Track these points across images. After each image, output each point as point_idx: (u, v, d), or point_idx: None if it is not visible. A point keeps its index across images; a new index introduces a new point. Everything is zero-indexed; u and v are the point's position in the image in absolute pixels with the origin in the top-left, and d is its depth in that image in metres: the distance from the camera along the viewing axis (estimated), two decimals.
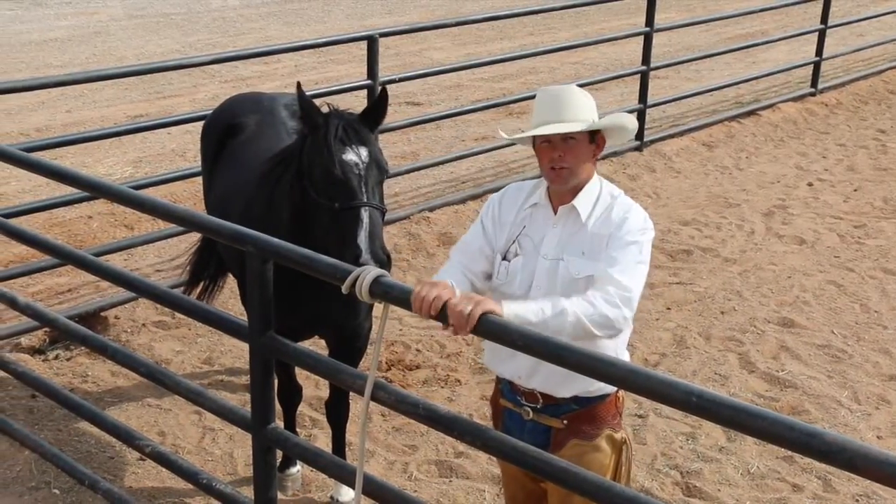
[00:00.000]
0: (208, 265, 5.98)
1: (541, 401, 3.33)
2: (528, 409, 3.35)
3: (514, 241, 3.35)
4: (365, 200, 3.96)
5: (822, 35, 12.36)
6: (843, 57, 13.84)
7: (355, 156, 4.05)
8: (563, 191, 3.29)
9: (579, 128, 3.22)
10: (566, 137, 3.24)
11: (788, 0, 14.00)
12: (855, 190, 9.53)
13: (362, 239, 3.84)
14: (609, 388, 3.28)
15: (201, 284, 6.08)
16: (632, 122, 3.38)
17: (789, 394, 5.87)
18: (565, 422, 3.32)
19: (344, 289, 3.18)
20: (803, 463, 5.17)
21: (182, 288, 6.14)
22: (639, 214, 3.26)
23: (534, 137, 3.31)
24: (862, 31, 15.80)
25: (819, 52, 12.38)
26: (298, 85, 4.21)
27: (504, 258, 3.35)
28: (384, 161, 4.16)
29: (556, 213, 3.33)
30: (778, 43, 14.01)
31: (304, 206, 4.16)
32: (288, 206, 4.26)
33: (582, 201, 3.27)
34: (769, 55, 14.52)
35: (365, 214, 3.92)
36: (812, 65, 12.51)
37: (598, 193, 3.30)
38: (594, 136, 3.31)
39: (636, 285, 3.12)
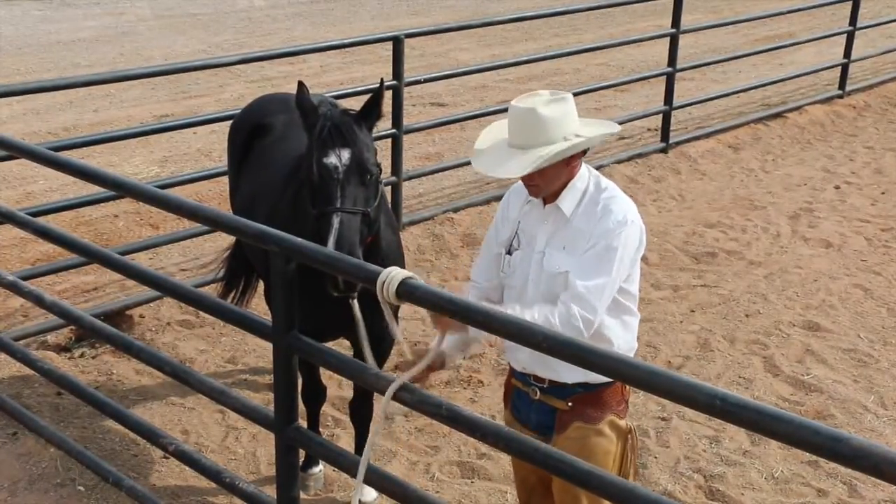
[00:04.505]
0: (240, 267, 5.98)
1: (547, 382, 3.43)
2: (536, 389, 3.46)
3: (514, 236, 3.49)
4: (337, 206, 3.87)
5: (850, 37, 12.26)
6: (871, 59, 13.72)
7: (335, 159, 3.95)
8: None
9: (523, 171, 3.23)
10: None
11: (816, 2, 13.91)
12: (883, 193, 9.45)
13: (330, 245, 3.75)
14: None
15: (236, 286, 6.07)
16: (590, 138, 3.33)
17: (814, 398, 5.83)
18: (570, 404, 3.41)
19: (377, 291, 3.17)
20: (828, 468, 5.13)
21: (217, 289, 6.15)
22: (620, 207, 3.31)
23: None
24: (891, 33, 15.63)
25: (847, 53, 12.29)
26: (300, 84, 4.12)
27: (508, 252, 3.49)
28: (370, 160, 4.02)
29: (546, 209, 3.43)
30: (805, 45, 13.92)
31: None
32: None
33: (566, 199, 3.36)
34: (796, 57, 14.42)
35: (336, 220, 3.83)
36: (840, 67, 12.41)
37: (585, 188, 3.38)
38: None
39: (603, 304, 3.24)
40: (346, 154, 3.97)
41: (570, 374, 3.32)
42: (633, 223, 3.30)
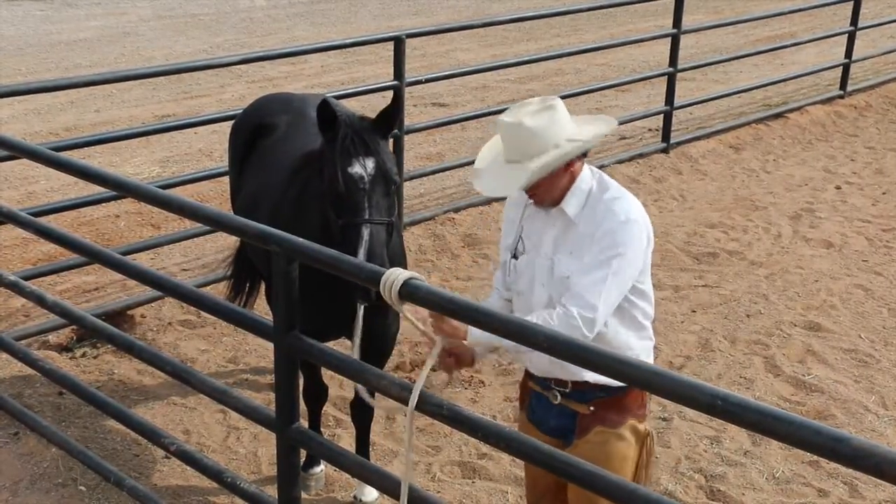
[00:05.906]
0: (246, 268, 5.96)
1: (570, 385, 3.40)
2: (557, 393, 3.43)
3: (519, 240, 3.45)
4: (366, 217, 3.87)
5: (851, 37, 12.24)
6: (872, 59, 13.71)
7: (361, 168, 3.93)
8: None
9: (518, 189, 3.27)
10: None
11: (817, 2, 13.90)
12: (884, 193, 9.45)
13: (360, 257, 3.76)
14: None
15: (242, 287, 6.05)
16: (573, 145, 3.27)
17: (815, 398, 5.83)
18: (592, 408, 3.39)
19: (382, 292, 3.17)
20: (829, 468, 5.13)
21: (225, 291, 6.13)
22: (622, 207, 3.27)
23: None
24: (892, 33, 15.63)
25: (848, 54, 12.27)
26: (324, 100, 4.08)
27: (513, 256, 3.46)
28: (392, 170, 4.03)
29: (551, 213, 3.40)
30: (807, 45, 13.91)
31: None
32: (317, 209, 4.23)
33: (570, 202, 3.33)
34: (797, 57, 14.41)
35: (365, 232, 3.84)
36: (841, 67, 12.40)
37: (589, 189, 3.34)
38: None
39: (604, 302, 3.19)
40: (370, 163, 3.96)
41: (584, 373, 3.30)
42: (635, 222, 3.26)
